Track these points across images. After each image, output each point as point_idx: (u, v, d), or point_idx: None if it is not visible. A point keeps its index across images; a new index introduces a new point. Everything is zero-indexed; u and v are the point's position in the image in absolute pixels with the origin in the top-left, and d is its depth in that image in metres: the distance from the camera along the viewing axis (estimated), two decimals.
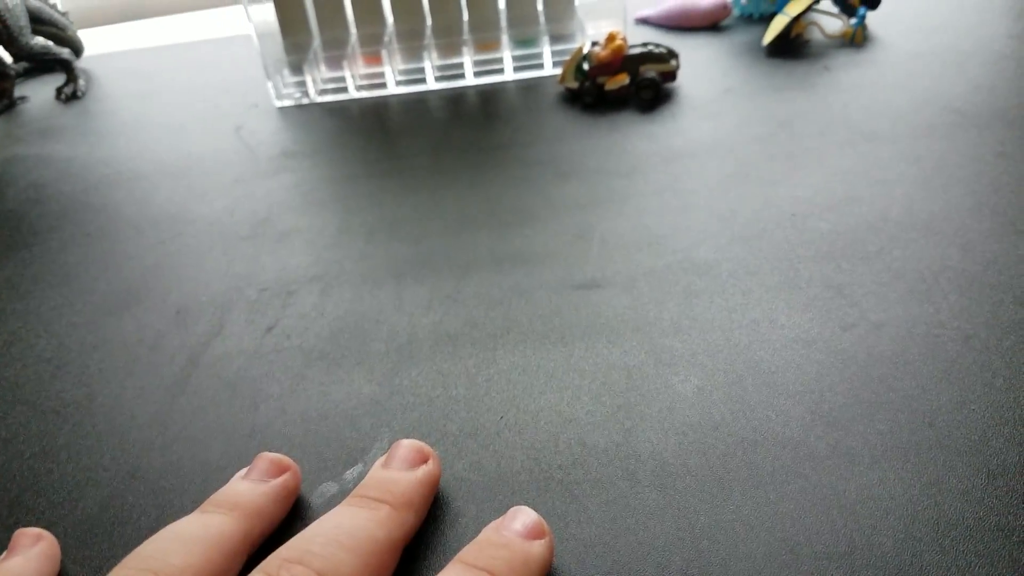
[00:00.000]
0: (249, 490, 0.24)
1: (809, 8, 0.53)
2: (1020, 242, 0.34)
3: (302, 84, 0.56)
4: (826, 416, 0.27)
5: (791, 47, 0.54)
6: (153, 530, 0.25)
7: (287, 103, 0.56)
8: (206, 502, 0.24)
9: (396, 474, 0.24)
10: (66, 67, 0.64)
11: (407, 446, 0.25)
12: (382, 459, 0.25)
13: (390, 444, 0.27)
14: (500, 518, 0.23)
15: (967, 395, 0.27)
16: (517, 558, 0.21)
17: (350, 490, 0.25)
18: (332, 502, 0.26)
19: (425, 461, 0.25)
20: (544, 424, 0.28)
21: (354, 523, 0.22)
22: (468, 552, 0.21)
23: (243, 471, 0.26)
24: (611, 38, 0.49)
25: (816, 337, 0.30)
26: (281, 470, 0.25)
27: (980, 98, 0.46)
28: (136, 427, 0.30)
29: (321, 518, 0.23)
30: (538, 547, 0.22)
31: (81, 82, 0.65)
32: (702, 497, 0.25)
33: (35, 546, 0.24)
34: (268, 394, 0.31)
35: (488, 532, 0.22)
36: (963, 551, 0.22)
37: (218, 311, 0.36)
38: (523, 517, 0.22)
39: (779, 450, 0.26)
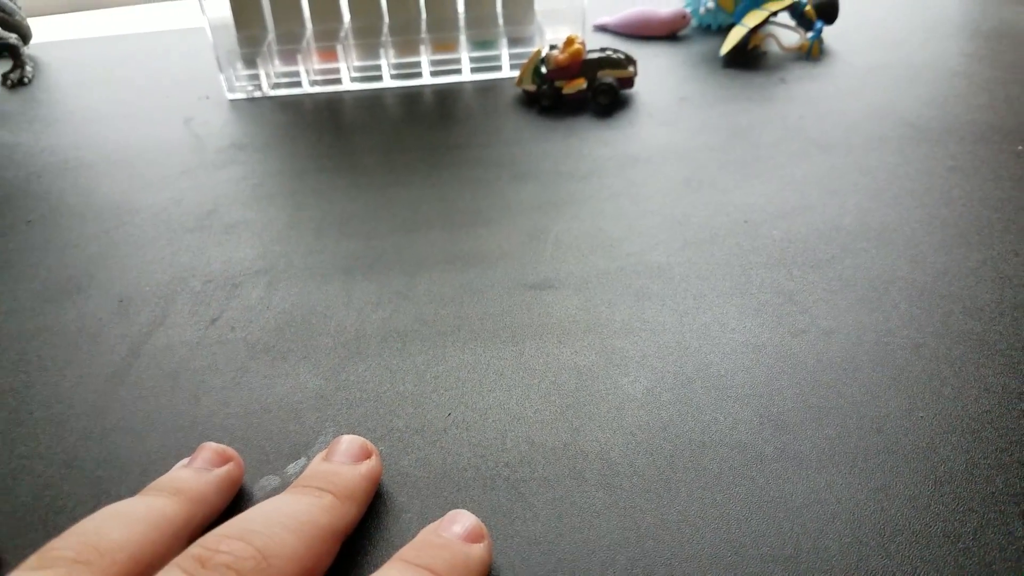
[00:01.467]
0: (192, 477, 0.24)
1: (767, 21, 0.54)
2: (970, 254, 0.35)
3: (255, 77, 0.55)
4: (775, 420, 0.27)
5: (748, 59, 0.55)
6: None
7: (239, 96, 0.55)
8: (148, 487, 0.23)
9: (339, 467, 0.24)
10: (13, 52, 0.62)
11: (350, 441, 0.25)
12: (322, 453, 0.25)
13: (334, 438, 0.27)
14: (438, 520, 0.22)
15: (915, 402, 0.28)
16: (458, 559, 0.21)
17: (291, 483, 0.25)
18: (272, 495, 0.25)
19: (368, 457, 0.24)
20: (492, 422, 0.27)
21: (297, 507, 0.21)
22: (407, 551, 0.21)
23: (185, 460, 0.25)
24: (569, 42, 0.49)
25: (766, 342, 0.31)
26: (224, 460, 0.25)
27: (932, 113, 0.47)
28: (74, 416, 0.29)
29: (262, 502, 0.22)
30: (477, 550, 0.22)
31: (28, 68, 0.63)
32: (648, 497, 0.24)
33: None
34: (210, 386, 0.29)
35: (427, 534, 0.22)
36: (909, 556, 0.22)
37: (161, 302, 0.35)
38: (463, 520, 0.22)
39: (727, 452, 0.26)
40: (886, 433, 0.26)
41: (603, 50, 0.50)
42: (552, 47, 0.50)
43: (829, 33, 0.58)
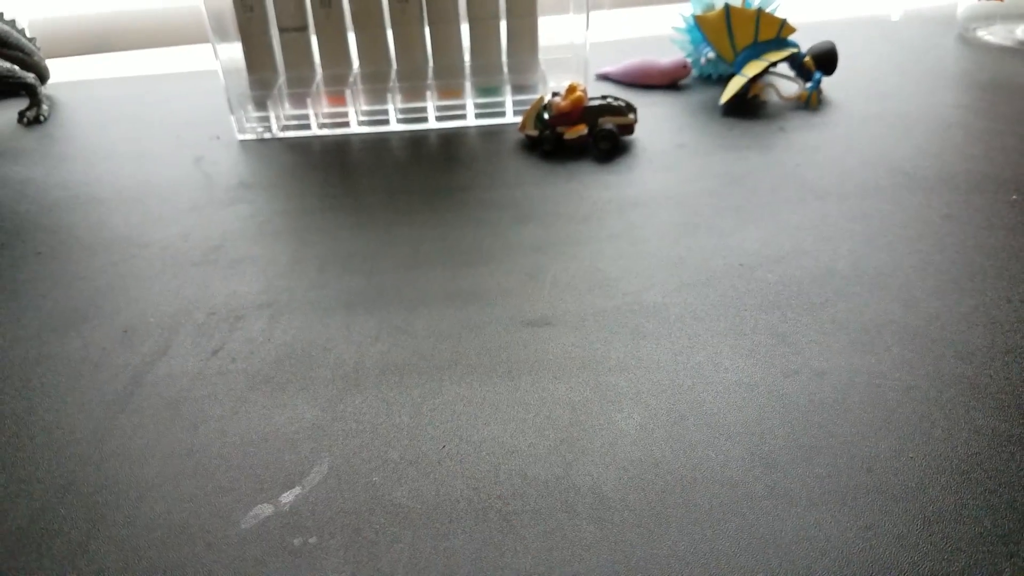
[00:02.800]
0: None
1: (766, 71, 0.55)
2: (963, 300, 0.35)
3: (265, 119, 0.56)
4: (765, 458, 0.27)
5: (748, 107, 0.56)
6: (83, 544, 0.24)
7: (249, 137, 0.56)
8: None
9: None
10: (30, 91, 0.64)
11: None
12: None
13: (330, 469, 0.27)
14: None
15: (905, 443, 0.28)
16: None
17: (285, 512, 0.25)
18: (266, 523, 0.25)
19: None
20: (486, 455, 0.28)
21: None
22: None
23: None
24: (571, 89, 0.50)
25: (759, 381, 0.31)
26: None
27: (927, 162, 0.48)
28: (74, 442, 0.29)
29: None
30: None
31: (44, 107, 0.64)
32: (639, 532, 0.25)
33: None
34: (209, 415, 0.30)
35: None
36: None
37: (165, 332, 0.35)
38: None
39: (717, 489, 0.26)
40: (876, 473, 0.27)
41: (604, 98, 0.51)
42: (555, 94, 0.52)
43: (828, 83, 0.59)
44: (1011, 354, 0.32)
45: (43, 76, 0.70)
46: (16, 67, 0.64)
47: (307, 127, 0.56)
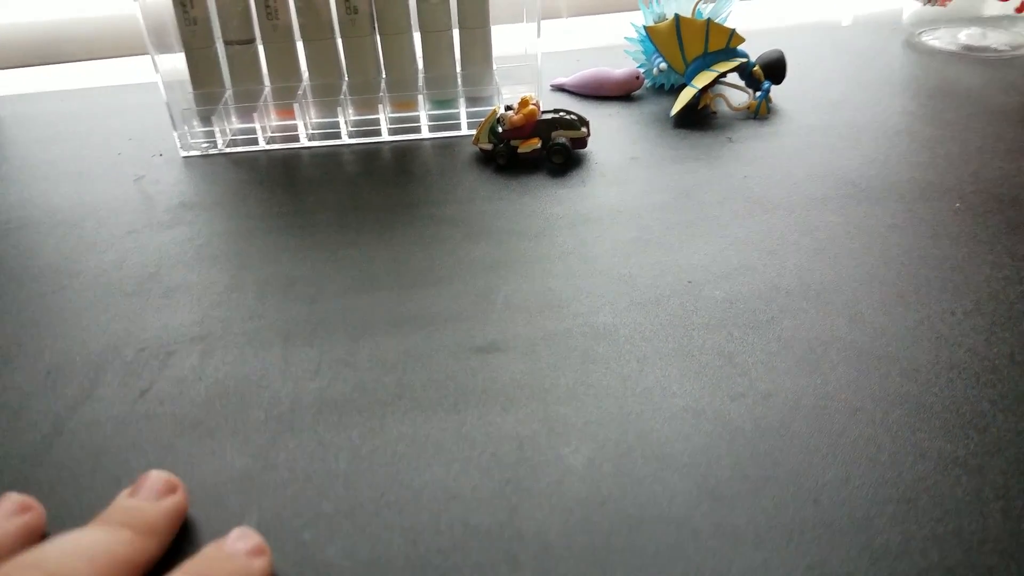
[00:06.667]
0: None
1: (716, 81, 0.55)
2: (908, 314, 0.35)
3: (211, 134, 0.55)
4: (712, 492, 0.27)
5: (698, 118, 0.56)
6: None
7: (194, 153, 0.55)
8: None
9: (142, 503, 0.25)
10: None
11: (155, 477, 0.26)
12: (128, 489, 0.26)
13: (258, 524, 0.26)
14: (223, 537, 0.24)
15: (851, 470, 0.28)
16: (239, 571, 0.23)
17: None
18: None
19: (173, 492, 0.26)
20: (427, 502, 0.27)
21: (93, 539, 0.23)
22: (190, 563, 0.22)
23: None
24: (524, 103, 0.49)
25: (706, 407, 0.30)
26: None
27: (873, 171, 0.48)
28: None
29: (60, 535, 0.23)
30: (259, 563, 0.23)
31: None
32: None
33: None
34: (133, 467, 0.28)
35: (210, 548, 0.23)
36: None
37: (91, 372, 0.34)
38: (247, 537, 0.24)
39: (663, 528, 0.26)
40: (822, 504, 0.26)
41: (557, 111, 0.51)
42: (508, 107, 0.51)
43: (777, 92, 0.59)
44: (955, 370, 0.32)
45: None
46: None
47: (255, 142, 0.55)
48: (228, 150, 0.55)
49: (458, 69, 0.56)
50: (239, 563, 0.23)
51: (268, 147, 0.55)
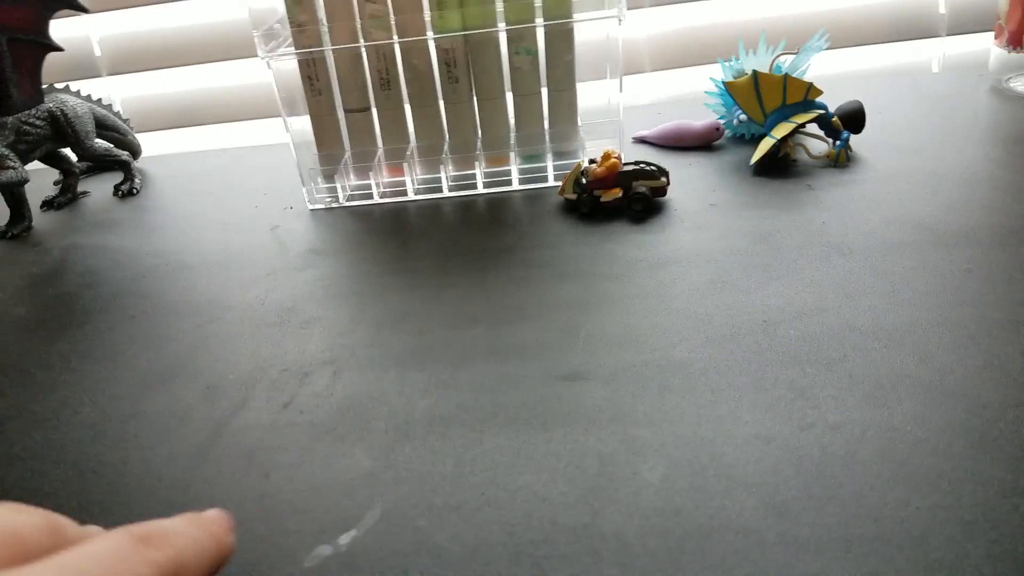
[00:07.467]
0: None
1: (796, 131, 0.58)
2: (977, 354, 0.37)
3: (333, 190, 0.62)
4: (778, 508, 0.30)
5: (778, 166, 0.59)
6: None
7: (319, 206, 0.62)
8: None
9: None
10: (124, 167, 0.72)
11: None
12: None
13: (382, 513, 0.31)
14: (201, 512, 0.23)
15: (912, 494, 0.30)
16: (210, 540, 0.21)
17: (343, 552, 0.29)
18: (326, 563, 0.29)
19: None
20: (520, 502, 0.31)
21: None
22: (161, 522, 0.21)
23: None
24: (606, 156, 0.54)
25: (776, 435, 0.33)
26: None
27: (951, 218, 0.49)
28: (162, 488, 0.34)
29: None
30: (229, 540, 0.22)
31: (137, 180, 0.72)
32: None
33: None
34: (279, 464, 0.34)
35: (185, 516, 0.22)
36: None
37: (243, 388, 0.40)
38: (215, 514, 0.22)
39: (731, 536, 0.29)
40: (882, 523, 0.29)
41: (638, 163, 0.55)
42: (591, 161, 0.55)
43: (857, 140, 0.61)
44: (1021, 408, 0.33)
45: (136, 152, 0.78)
46: (112, 146, 0.72)
47: (370, 196, 0.62)
48: (348, 204, 0.62)
49: (546, 127, 0.62)
50: (211, 532, 0.21)
51: (381, 200, 0.62)
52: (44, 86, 0.66)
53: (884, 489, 0.30)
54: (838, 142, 0.58)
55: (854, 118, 0.59)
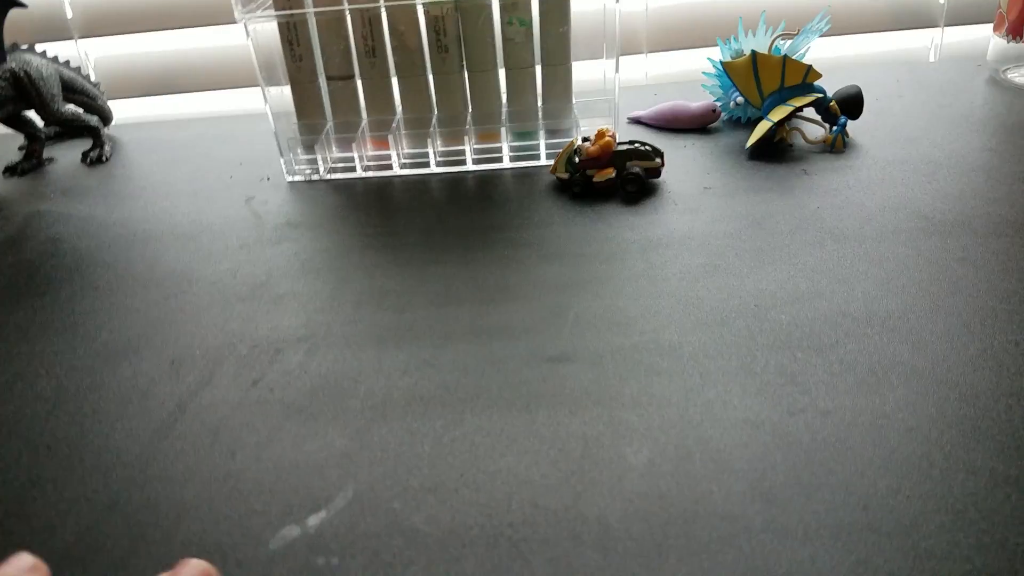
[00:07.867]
0: None
1: (792, 115, 0.57)
2: (971, 342, 0.36)
3: (313, 162, 0.60)
4: (765, 494, 0.29)
5: (773, 151, 0.58)
6: (124, 560, 0.26)
7: (297, 179, 0.60)
8: None
9: None
10: (93, 133, 0.69)
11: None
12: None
13: (354, 494, 0.29)
14: (171, 571, 0.23)
15: (903, 482, 0.29)
16: None
17: (311, 534, 0.27)
18: (293, 544, 0.27)
19: None
20: (500, 484, 0.30)
21: None
22: None
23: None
24: (600, 135, 0.53)
25: (765, 420, 0.32)
26: None
27: (947, 206, 0.48)
28: (120, 465, 0.32)
29: None
30: None
31: (107, 148, 0.69)
32: (640, 561, 0.26)
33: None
34: (246, 442, 0.33)
35: None
36: None
37: (210, 364, 0.38)
38: (193, 568, 0.22)
39: (717, 522, 0.28)
40: (871, 510, 0.28)
41: (632, 143, 0.53)
42: (584, 139, 0.54)
43: (855, 127, 0.60)
44: (1014, 397, 0.33)
45: (106, 118, 0.75)
46: (81, 111, 0.69)
47: (352, 169, 0.60)
48: (328, 176, 0.60)
49: (539, 103, 0.60)
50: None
51: (364, 174, 0.60)
52: (7, 46, 0.63)
53: (874, 476, 0.29)
54: (835, 127, 0.57)
55: (852, 103, 0.58)
